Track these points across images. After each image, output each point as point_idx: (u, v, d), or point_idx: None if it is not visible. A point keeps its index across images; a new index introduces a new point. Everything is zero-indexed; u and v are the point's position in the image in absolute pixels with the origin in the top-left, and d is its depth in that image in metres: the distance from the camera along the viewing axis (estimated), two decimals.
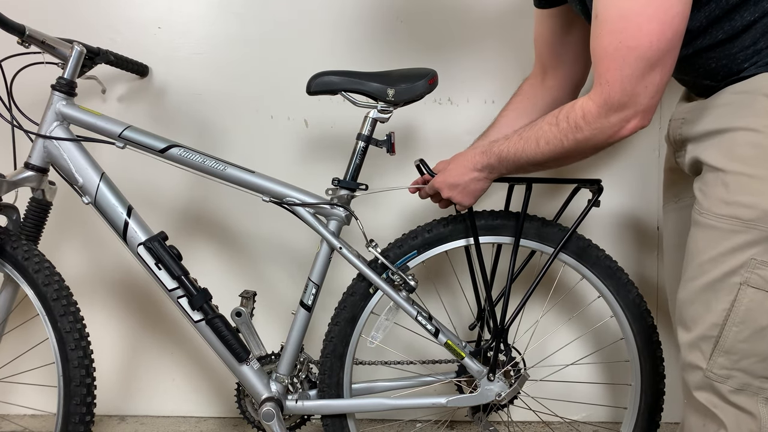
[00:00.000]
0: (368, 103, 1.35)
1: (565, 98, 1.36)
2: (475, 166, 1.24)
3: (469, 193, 1.27)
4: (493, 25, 1.72)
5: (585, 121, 1.03)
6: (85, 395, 1.34)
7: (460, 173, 1.26)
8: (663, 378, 1.42)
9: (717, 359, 0.99)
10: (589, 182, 1.39)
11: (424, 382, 1.47)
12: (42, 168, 1.38)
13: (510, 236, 1.40)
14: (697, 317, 1.01)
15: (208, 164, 1.36)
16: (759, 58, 0.97)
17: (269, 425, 1.36)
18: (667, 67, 0.96)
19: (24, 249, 1.34)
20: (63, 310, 1.32)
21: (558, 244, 1.37)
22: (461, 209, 1.34)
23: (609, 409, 1.83)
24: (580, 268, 1.41)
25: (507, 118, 1.42)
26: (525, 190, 1.36)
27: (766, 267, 0.94)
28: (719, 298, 0.98)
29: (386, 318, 1.38)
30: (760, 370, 0.97)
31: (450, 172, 1.28)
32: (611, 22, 0.95)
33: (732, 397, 0.98)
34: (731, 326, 0.97)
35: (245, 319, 1.41)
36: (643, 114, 0.99)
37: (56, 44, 1.37)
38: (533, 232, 1.40)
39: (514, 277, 1.39)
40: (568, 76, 1.37)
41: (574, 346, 1.77)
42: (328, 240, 1.36)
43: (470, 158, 1.25)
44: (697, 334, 1.01)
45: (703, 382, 1.00)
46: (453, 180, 1.27)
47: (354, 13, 1.73)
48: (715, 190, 0.98)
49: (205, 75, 1.77)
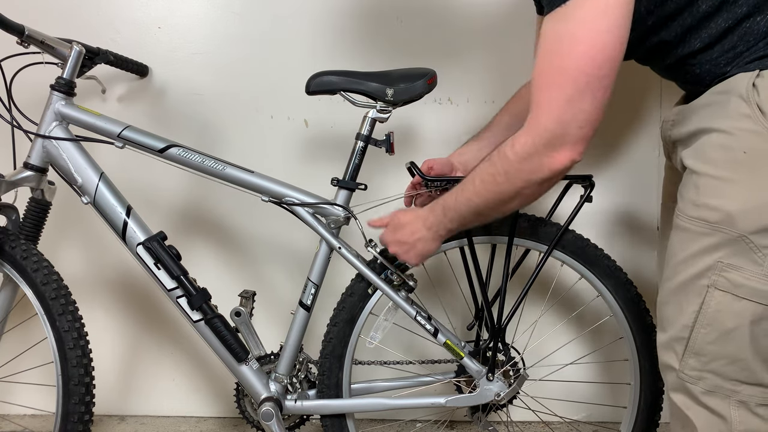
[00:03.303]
0: (367, 102, 1.35)
1: None
2: (425, 223, 1.19)
3: (416, 254, 1.22)
4: (493, 25, 1.72)
5: (513, 151, 1.00)
6: (84, 394, 1.34)
7: (410, 232, 1.21)
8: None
9: (688, 360, 0.98)
10: (581, 178, 1.38)
11: (423, 382, 1.47)
12: (41, 168, 1.38)
13: (504, 235, 1.40)
14: (672, 318, 1.01)
15: (207, 164, 1.36)
16: (739, 60, 0.97)
17: (268, 425, 1.36)
18: (598, 96, 0.93)
19: (23, 248, 1.34)
20: (61, 309, 1.32)
21: (551, 242, 1.37)
22: (409, 265, 1.32)
23: (608, 409, 1.82)
24: (578, 267, 1.41)
25: (502, 120, 1.41)
26: None
27: (732, 270, 0.93)
28: (689, 300, 0.97)
29: (385, 318, 1.38)
30: (730, 372, 0.96)
31: (400, 230, 1.23)
32: (548, 42, 0.95)
33: (703, 398, 0.98)
34: (699, 328, 0.96)
35: (244, 319, 1.41)
36: (573, 145, 0.95)
37: (55, 44, 1.37)
38: (527, 231, 1.40)
39: (510, 276, 1.39)
40: None
41: (573, 345, 1.77)
42: (327, 240, 1.36)
43: (422, 215, 1.20)
44: (671, 335, 1.01)
45: (677, 383, 1.00)
46: (400, 237, 1.23)
47: (354, 13, 1.73)
48: (688, 192, 0.98)
49: (205, 75, 1.77)
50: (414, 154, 1.76)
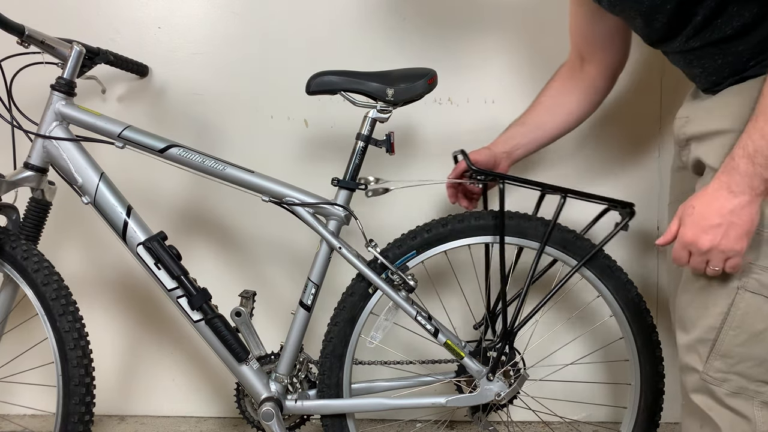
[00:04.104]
0: (367, 102, 1.35)
1: (603, 84, 1.36)
2: (730, 188, 0.92)
3: (738, 233, 0.92)
4: (493, 25, 1.72)
5: None
6: (84, 394, 1.34)
7: (716, 210, 0.93)
8: (662, 377, 1.42)
9: (713, 362, 0.99)
10: (621, 204, 1.37)
11: (424, 382, 1.47)
12: (41, 168, 1.38)
13: (534, 240, 1.39)
14: (695, 320, 1.01)
15: (207, 164, 1.36)
16: (764, 57, 0.96)
17: (268, 425, 1.36)
18: None
19: (23, 249, 1.34)
20: (62, 310, 1.32)
21: (582, 258, 1.37)
22: (735, 268, 0.95)
23: (609, 409, 1.82)
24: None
25: (545, 102, 1.40)
26: (559, 200, 1.35)
27: (763, 271, 0.93)
28: (717, 302, 0.98)
29: (385, 318, 1.38)
30: (756, 374, 0.96)
31: (701, 216, 0.95)
32: None
33: (728, 400, 0.98)
34: (728, 330, 0.97)
35: (245, 319, 1.41)
36: None
37: (55, 44, 1.37)
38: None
39: (534, 281, 1.39)
40: (605, 62, 1.35)
41: (573, 345, 1.77)
42: (328, 240, 1.36)
43: (721, 183, 0.93)
44: (695, 337, 1.01)
45: (700, 384, 1.00)
46: (707, 222, 0.93)
47: (354, 13, 1.73)
48: None
49: (205, 75, 1.77)
50: (414, 154, 1.76)
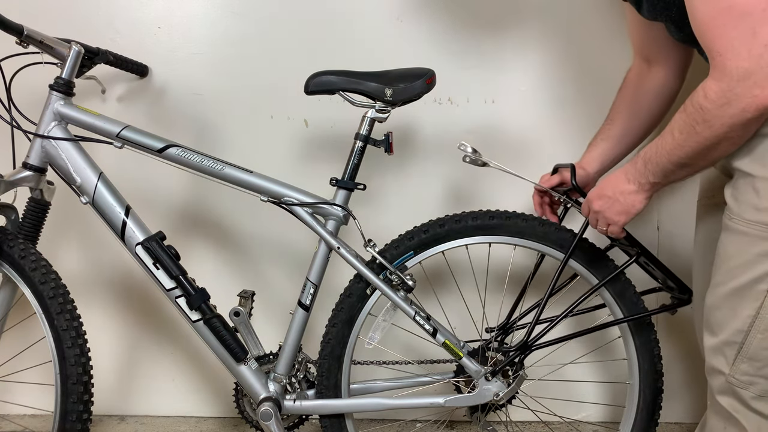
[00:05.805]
0: (366, 102, 1.35)
1: (673, 81, 1.33)
2: (626, 176, 1.14)
3: (618, 210, 1.17)
4: (493, 25, 1.71)
5: (708, 100, 0.93)
6: (83, 393, 1.33)
7: (611, 186, 1.17)
8: (661, 376, 1.42)
9: (740, 365, 0.99)
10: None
11: (422, 382, 1.47)
12: (40, 168, 1.38)
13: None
14: (723, 322, 1.01)
15: (206, 164, 1.36)
16: None
17: (267, 425, 1.36)
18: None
19: (21, 248, 1.34)
20: (59, 308, 1.32)
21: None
22: (613, 233, 1.22)
23: (608, 408, 1.82)
24: (576, 267, 1.41)
25: (618, 108, 1.40)
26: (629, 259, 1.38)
27: None
28: (745, 305, 0.97)
29: (384, 318, 1.38)
30: None
31: (602, 184, 1.21)
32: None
33: (754, 403, 0.99)
34: (756, 333, 0.97)
35: (243, 319, 1.41)
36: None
37: (54, 44, 1.37)
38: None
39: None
40: (671, 60, 1.32)
41: (571, 345, 1.76)
42: (326, 240, 1.36)
43: (624, 170, 1.16)
44: (722, 339, 1.01)
45: (726, 387, 1.01)
46: (601, 191, 1.19)
47: (353, 13, 1.73)
48: (747, 196, 0.97)
49: (204, 75, 1.77)
50: (413, 155, 1.76)
